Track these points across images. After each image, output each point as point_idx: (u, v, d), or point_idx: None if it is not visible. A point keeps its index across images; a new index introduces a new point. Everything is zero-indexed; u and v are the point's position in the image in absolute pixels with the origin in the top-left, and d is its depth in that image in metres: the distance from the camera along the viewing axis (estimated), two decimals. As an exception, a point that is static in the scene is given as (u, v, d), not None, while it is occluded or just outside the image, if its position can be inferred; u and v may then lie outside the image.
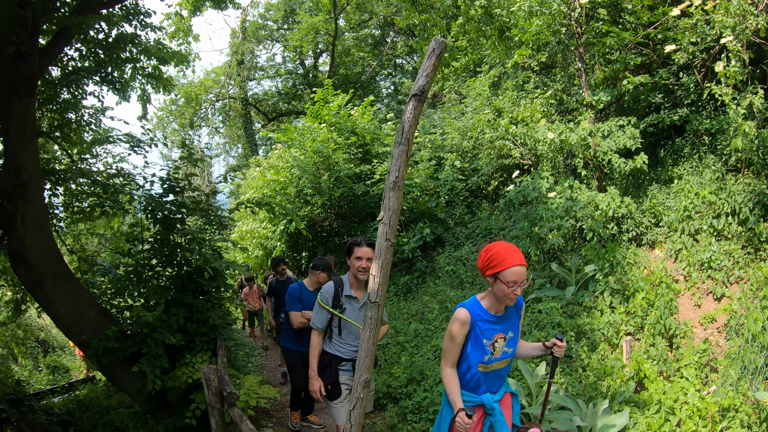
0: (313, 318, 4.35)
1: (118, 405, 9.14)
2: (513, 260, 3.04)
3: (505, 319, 3.28)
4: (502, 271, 3.03)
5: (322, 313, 4.28)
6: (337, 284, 4.34)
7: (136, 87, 8.97)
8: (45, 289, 5.97)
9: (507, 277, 3.01)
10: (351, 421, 2.12)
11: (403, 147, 2.01)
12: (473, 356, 3.20)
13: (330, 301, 4.26)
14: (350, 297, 4.29)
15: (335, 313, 4.23)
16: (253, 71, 32.42)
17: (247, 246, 16.44)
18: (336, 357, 4.29)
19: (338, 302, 4.26)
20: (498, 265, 3.04)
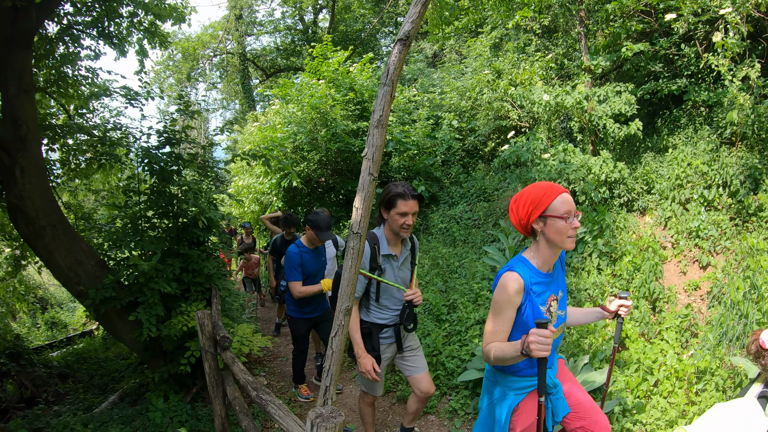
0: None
1: (115, 356, 9.37)
2: (555, 190, 2.62)
3: (554, 276, 2.82)
4: (549, 205, 2.59)
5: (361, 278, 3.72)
6: (372, 241, 3.75)
7: (134, 42, 8.89)
8: (44, 240, 6.03)
9: (559, 209, 2.57)
10: (332, 348, 2.23)
11: (387, 88, 2.09)
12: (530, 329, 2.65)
13: (366, 263, 3.72)
14: (389, 256, 3.79)
15: (374, 277, 3.74)
16: (251, 26, 31.92)
17: (243, 199, 16.50)
18: (376, 325, 3.92)
19: (375, 263, 3.73)
20: (541, 202, 2.60)
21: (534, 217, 2.62)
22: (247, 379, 3.51)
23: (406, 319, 3.88)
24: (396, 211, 3.57)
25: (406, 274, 3.93)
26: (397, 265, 3.82)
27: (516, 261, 2.74)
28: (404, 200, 3.55)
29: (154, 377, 6.31)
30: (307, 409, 6.05)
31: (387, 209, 3.66)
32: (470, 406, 5.41)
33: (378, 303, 3.88)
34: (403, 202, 3.55)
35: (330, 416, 2.10)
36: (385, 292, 3.84)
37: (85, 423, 5.74)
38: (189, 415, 5.86)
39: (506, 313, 2.62)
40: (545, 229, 2.62)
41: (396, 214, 3.58)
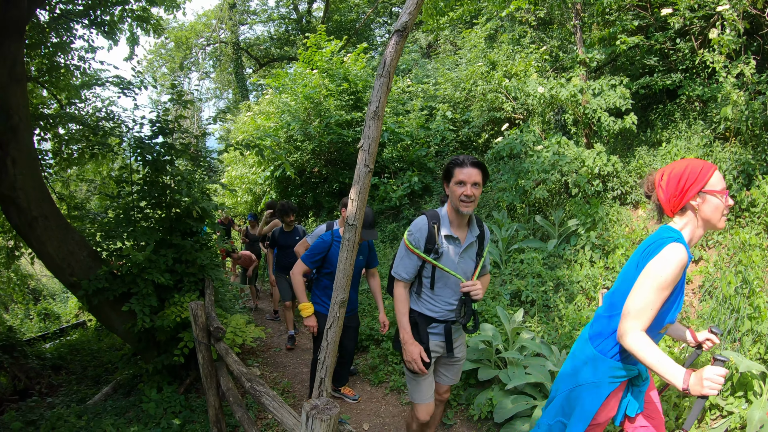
0: (397, 264, 3.44)
1: (109, 348, 9.34)
2: (711, 166, 2.43)
3: None
4: (709, 181, 2.40)
5: (409, 258, 3.37)
6: (432, 219, 3.35)
7: (125, 30, 8.81)
8: (36, 231, 5.99)
9: (716, 185, 2.40)
10: (327, 340, 2.24)
11: (384, 79, 2.08)
12: (671, 313, 2.52)
13: (422, 243, 3.32)
14: (450, 237, 3.36)
15: (428, 260, 3.31)
16: (245, 15, 31.72)
17: (236, 189, 16.46)
18: (425, 317, 3.47)
19: (433, 245, 3.31)
20: (699, 177, 2.41)
21: (693, 193, 2.41)
22: (241, 370, 3.52)
23: (464, 316, 3.39)
24: (454, 180, 3.23)
25: (468, 265, 3.48)
26: (459, 252, 3.38)
27: (672, 232, 2.47)
28: (461, 167, 3.21)
29: (148, 368, 6.30)
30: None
31: (446, 180, 3.34)
32: (462, 397, 5.44)
33: (432, 291, 3.43)
34: (459, 170, 3.21)
35: (325, 408, 2.11)
36: (440, 279, 3.39)
37: (78, 415, 5.73)
38: (183, 406, 5.86)
39: (666, 290, 2.37)
40: (702, 206, 2.42)
41: (454, 184, 3.23)
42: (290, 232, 7.89)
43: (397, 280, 3.45)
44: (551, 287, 6.78)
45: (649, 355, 2.26)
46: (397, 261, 3.45)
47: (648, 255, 2.44)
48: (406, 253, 3.38)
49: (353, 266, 2.28)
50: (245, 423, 3.81)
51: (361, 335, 7.12)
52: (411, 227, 3.37)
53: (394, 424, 5.32)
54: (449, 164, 3.28)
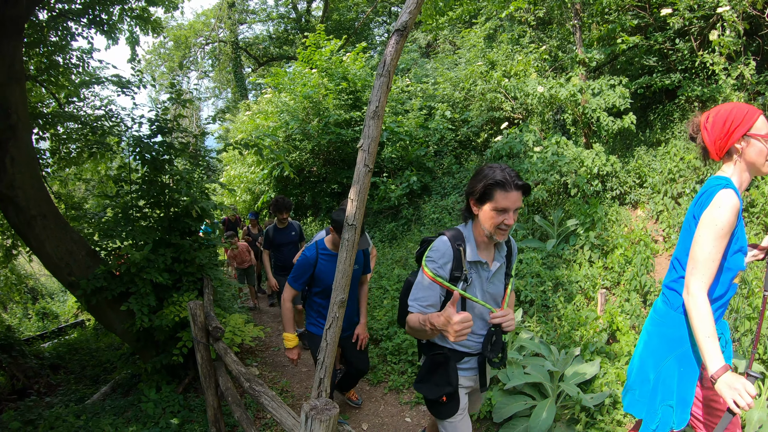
0: (414, 295, 2.83)
1: (107, 347, 9.34)
2: (756, 110, 2.38)
3: None
4: (754, 124, 2.37)
5: (431, 289, 2.78)
6: (456, 241, 2.80)
7: (124, 29, 8.81)
8: (35, 230, 5.98)
9: (762, 129, 2.35)
10: (327, 340, 2.23)
11: (384, 79, 2.08)
12: (736, 261, 2.45)
13: (447, 270, 2.77)
14: (477, 263, 2.86)
15: (455, 290, 2.69)
16: (244, 14, 31.75)
17: (234, 188, 16.46)
18: (456, 352, 3.00)
19: (460, 272, 2.78)
20: (745, 120, 2.37)
21: (738, 135, 2.37)
22: (240, 370, 3.51)
23: (491, 349, 2.88)
24: (493, 205, 2.63)
25: (497, 289, 3.01)
26: (488, 276, 2.90)
27: (724, 179, 2.42)
28: (505, 191, 2.59)
29: (147, 368, 6.30)
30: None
31: (479, 202, 2.71)
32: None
33: None
34: (503, 195, 2.60)
35: (324, 408, 2.10)
36: (470, 310, 2.88)
37: (77, 414, 5.72)
38: (181, 405, 5.86)
39: (725, 237, 2.33)
40: (747, 150, 2.38)
41: (492, 209, 2.65)
42: (284, 229, 7.46)
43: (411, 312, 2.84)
44: (550, 287, 6.77)
45: (702, 327, 2.27)
46: (414, 291, 2.85)
47: (701, 206, 2.43)
48: (428, 283, 2.78)
49: (351, 266, 2.27)
50: (244, 423, 3.81)
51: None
52: (431, 253, 2.80)
53: (392, 424, 5.32)
54: (488, 184, 2.61)
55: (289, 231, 7.53)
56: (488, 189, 2.61)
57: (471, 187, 2.73)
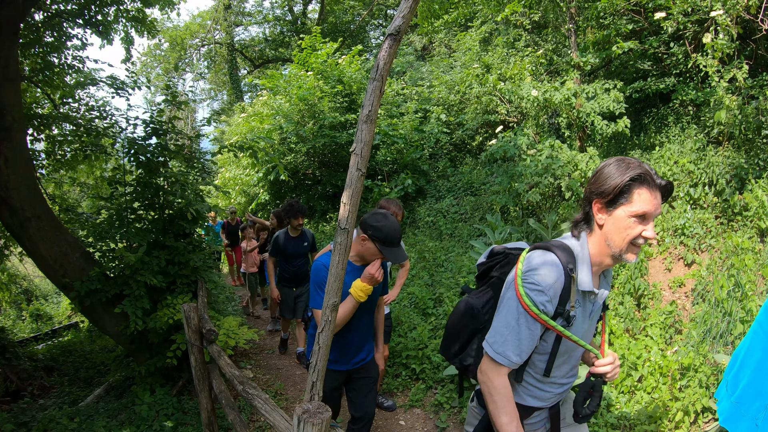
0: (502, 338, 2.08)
1: (101, 349, 9.31)
2: None
3: None
4: None
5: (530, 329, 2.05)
6: (567, 265, 2.05)
7: (119, 30, 8.80)
8: (29, 232, 5.97)
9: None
10: (320, 344, 2.23)
11: (377, 83, 2.08)
12: None
13: (553, 303, 2.05)
14: (587, 294, 2.15)
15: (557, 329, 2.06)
16: (240, 16, 31.72)
17: (229, 191, 16.45)
18: (525, 408, 2.28)
19: (564, 306, 2.06)
20: None
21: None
22: (234, 373, 3.51)
23: (589, 404, 2.27)
24: (631, 210, 1.94)
25: (591, 327, 2.30)
26: (591, 311, 2.21)
27: None
28: (649, 190, 1.94)
29: (140, 370, 6.28)
30: None
31: (610, 205, 2.00)
32: (455, 400, 5.44)
33: (547, 377, 2.21)
34: (647, 195, 1.93)
35: (317, 412, 2.11)
36: (563, 354, 2.19)
37: (71, 417, 5.71)
38: (175, 408, 5.84)
39: None
40: None
41: (630, 216, 1.95)
42: (297, 238, 6.68)
43: (498, 364, 2.10)
44: (544, 290, 6.77)
45: None
46: (501, 332, 2.09)
47: None
48: (526, 320, 2.05)
49: (344, 269, 2.26)
50: (238, 425, 3.80)
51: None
52: (536, 278, 2.03)
53: (386, 427, 5.32)
54: (629, 181, 1.92)
55: (302, 241, 6.74)
56: (628, 187, 1.94)
57: (599, 185, 2.01)
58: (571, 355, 2.22)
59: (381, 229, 3.20)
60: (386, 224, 3.21)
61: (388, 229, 3.21)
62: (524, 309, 2.03)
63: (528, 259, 2.11)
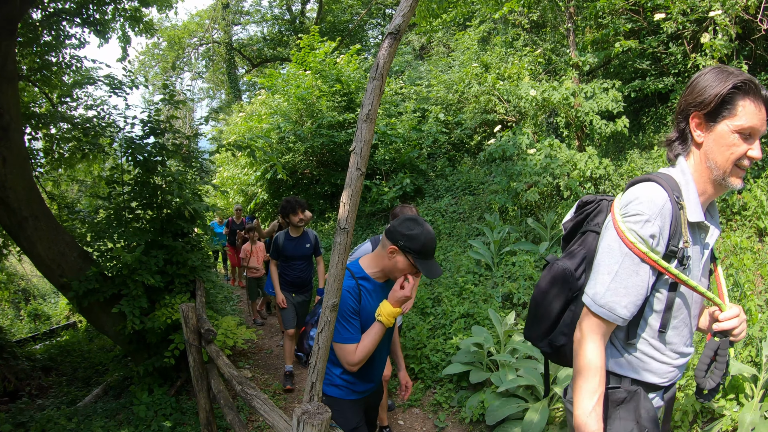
0: (605, 285, 1.78)
1: (99, 349, 9.29)
2: None
3: None
4: None
5: (637, 273, 1.76)
6: (672, 192, 1.76)
7: (117, 28, 8.79)
8: (27, 231, 5.95)
9: None
10: (319, 344, 2.23)
11: (376, 82, 2.07)
12: None
13: (663, 236, 1.76)
14: (699, 228, 1.86)
15: (670, 272, 1.74)
16: (238, 16, 31.69)
17: (227, 190, 16.43)
18: (647, 386, 1.93)
19: (677, 242, 1.76)
20: None
21: None
22: (232, 373, 3.50)
23: (714, 373, 1.93)
24: (737, 124, 1.69)
25: (705, 277, 1.99)
26: (703, 252, 1.90)
27: None
28: (756, 101, 1.68)
29: (138, 370, 6.27)
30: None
31: (711, 118, 1.75)
32: (454, 399, 5.44)
33: (662, 335, 1.88)
34: (753, 106, 1.68)
35: (316, 412, 2.10)
36: (680, 312, 1.88)
37: (69, 417, 5.69)
38: (173, 408, 5.84)
39: None
40: None
41: (735, 131, 1.70)
42: (299, 238, 6.15)
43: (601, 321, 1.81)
44: (543, 290, 6.77)
45: None
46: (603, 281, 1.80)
47: None
48: (631, 262, 1.75)
49: (344, 270, 2.25)
50: (236, 426, 3.79)
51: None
52: (634, 206, 1.76)
53: (385, 427, 5.31)
54: (732, 89, 1.68)
55: (304, 242, 6.22)
56: (731, 97, 1.66)
57: (696, 95, 1.74)
58: (690, 312, 1.89)
59: (416, 238, 2.61)
60: (422, 233, 2.63)
61: (424, 238, 2.62)
62: (628, 248, 1.72)
63: (625, 194, 1.83)
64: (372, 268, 2.81)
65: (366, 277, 2.79)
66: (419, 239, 2.61)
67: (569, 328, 2.02)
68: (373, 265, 2.82)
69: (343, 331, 2.65)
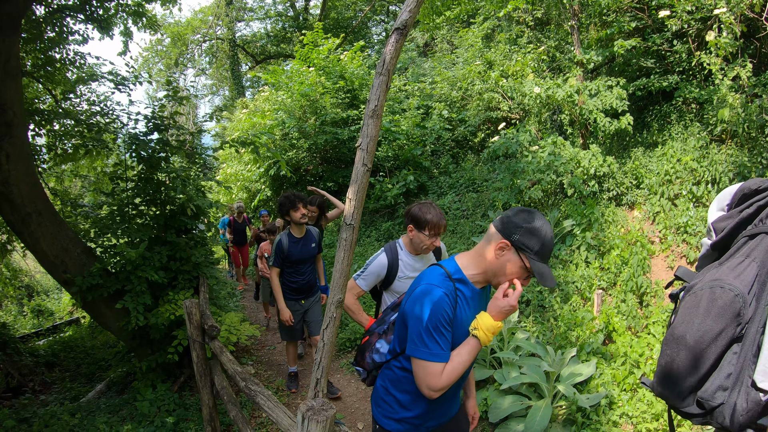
0: None
1: (102, 345, 9.31)
2: None
3: None
4: None
5: None
6: None
7: (119, 23, 8.80)
8: (30, 227, 5.96)
9: None
10: (324, 340, 2.22)
11: (383, 78, 2.07)
12: None
13: None
14: None
15: None
16: (241, 12, 31.67)
17: (231, 186, 16.44)
18: None
19: None
20: None
21: None
22: (236, 370, 3.50)
23: None
24: None
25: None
26: None
27: None
28: None
29: (142, 366, 6.28)
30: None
31: None
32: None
33: None
34: None
35: (321, 409, 2.10)
36: None
37: (72, 412, 5.71)
38: (176, 404, 5.84)
39: None
40: None
41: None
42: (303, 239, 5.49)
43: None
44: (546, 287, 6.77)
45: None
46: None
47: None
48: None
49: (349, 266, 2.25)
50: (239, 422, 3.79)
51: (356, 334, 7.07)
52: None
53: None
54: None
55: (309, 241, 5.56)
56: None
57: None
58: None
59: (536, 233, 2.07)
60: (542, 227, 2.09)
61: (545, 234, 2.09)
62: None
63: None
64: (472, 270, 2.22)
65: (464, 280, 2.21)
66: (539, 234, 2.06)
67: (732, 380, 1.49)
68: (473, 266, 2.22)
69: (431, 345, 2.09)
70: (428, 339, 2.08)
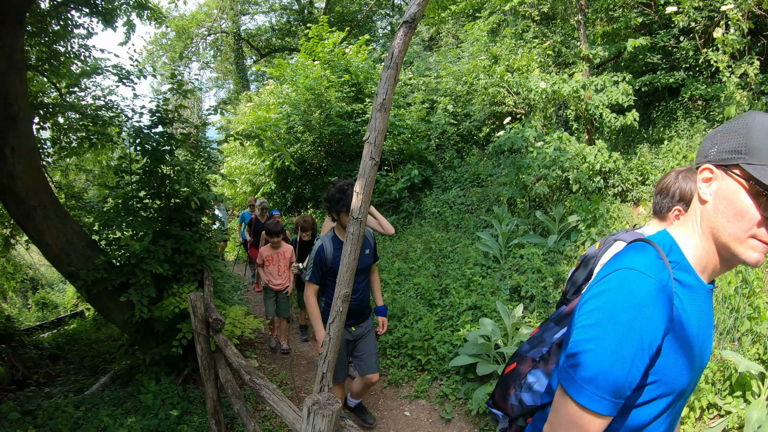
0: None
1: (106, 338, 9.34)
2: None
3: None
4: None
5: None
6: None
7: (123, 15, 8.78)
8: (35, 221, 5.95)
9: None
10: (330, 335, 2.22)
11: (391, 71, 2.06)
12: None
13: None
14: None
15: None
16: (246, 5, 31.59)
17: (235, 179, 16.45)
18: None
19: None
20: None
21: None
22: (240, 363, 3.50)
23: None
24: None
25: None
26: None
27: None
28: None
29: (146, 359, 6.29)
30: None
31: None
32: (461, 391, 5.44)
33: None
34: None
35: (327, 403, 2.09)
36: None
37: (76, 405, 5.72)
38: (180, 397, 5.85)
39: None
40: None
41: None
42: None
43: None
44: (551, 283, 6.76)
45: None
46: None
47: None
48: None
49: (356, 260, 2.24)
50: (243, 415, 3.80)
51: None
52: None
53: (391, 418, 5.32)
54: None
55: (363, 246, 4.26)
56: None
57: None
58: None
59: (737, 129, 1.30)
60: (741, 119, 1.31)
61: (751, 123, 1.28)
62: None
63: None
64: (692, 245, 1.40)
65: (688, 270, 1.37)
66: (739, 129, 1.29)
67: None
68: (693, 236, 1.40)
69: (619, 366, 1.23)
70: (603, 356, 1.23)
